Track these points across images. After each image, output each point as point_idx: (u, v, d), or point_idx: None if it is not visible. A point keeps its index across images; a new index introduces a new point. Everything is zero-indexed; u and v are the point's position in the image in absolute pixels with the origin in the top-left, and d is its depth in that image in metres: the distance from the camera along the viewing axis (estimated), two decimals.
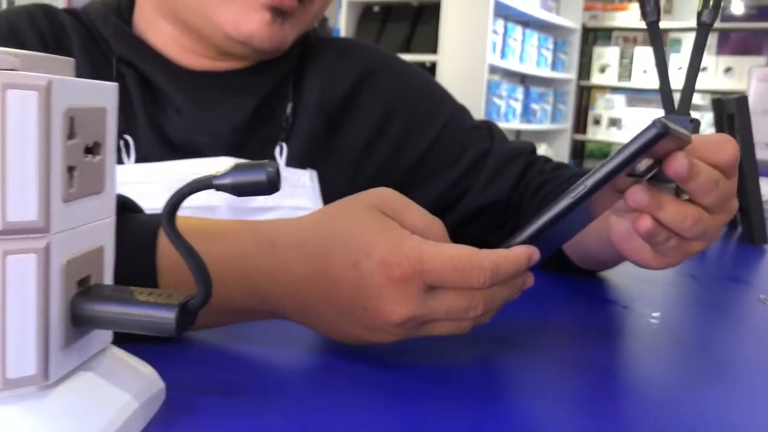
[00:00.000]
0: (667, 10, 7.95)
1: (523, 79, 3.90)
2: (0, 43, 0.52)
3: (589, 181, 0.37)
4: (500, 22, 3.26)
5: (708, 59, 4.89)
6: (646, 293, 0.64)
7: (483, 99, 3.18)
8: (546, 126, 3.98)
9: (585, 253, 0.61)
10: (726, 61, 4.66)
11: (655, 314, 0.56)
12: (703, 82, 4.62)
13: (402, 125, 0.72)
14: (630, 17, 5.51)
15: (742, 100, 0.95)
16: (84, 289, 0.30)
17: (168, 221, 0.29)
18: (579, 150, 4.91)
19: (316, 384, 0.38)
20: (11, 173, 0.26)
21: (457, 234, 0.50)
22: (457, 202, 0.71)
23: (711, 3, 0.55)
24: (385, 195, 0.40)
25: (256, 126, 0.66)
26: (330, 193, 0.65)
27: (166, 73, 0.65)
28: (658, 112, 3.42)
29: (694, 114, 0.55)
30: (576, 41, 4.18)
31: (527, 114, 3.76)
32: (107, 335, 0.33)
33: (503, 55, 3.34)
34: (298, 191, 0.64)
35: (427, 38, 3.11)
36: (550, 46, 3.85)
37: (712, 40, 8.40)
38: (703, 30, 0.55)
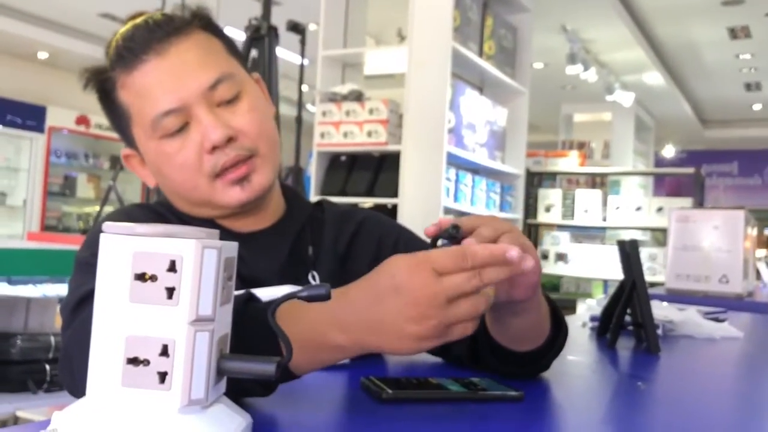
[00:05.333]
0: (606, 156, 8.67)
1: None
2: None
3: None
4: (452, 170, 3.65)
5: (644, 200, 5.36)
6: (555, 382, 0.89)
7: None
8: None
9: (506, 330, 0.79)
10: (658, 201, 5.13)
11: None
12: (639, 220, 5.07)
13: (389, 252, 1.02)
14: (570, 162, 6.05)
15: (633, 242, 1.25)
16: (223, 354, 0.55)
17: (272, 312, 0.55)
18: None
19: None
20: (204, 289, 0.51)
21: None
22: None
23: None
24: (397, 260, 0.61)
25: (292, 263, 0.95)
26: None
27: (228, 237, 0.92)
28: (601, 248, 3.80)
29: None
30: (521, 185, 4.60)
31: None
32: (224, 385, 0.57)
33: (456, 198, 3.72)
34: None
35: (388, 184, 3.47)
36: (498, 189, 4.26)
37: (649, 181, 9.09)
38: None
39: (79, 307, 0.76)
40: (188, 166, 0.89)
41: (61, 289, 2.76)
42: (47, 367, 2.06)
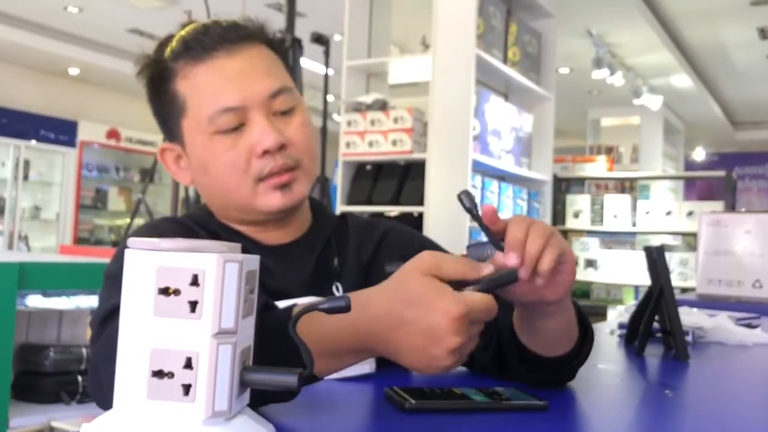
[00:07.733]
0: (634, 160, 8.57)
1: None
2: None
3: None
4: (478, 178, 3.64)
5: (674, 204, 5.28)
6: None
7: (466, 244, 3.50)
8: None
9: (535, 333, 0.81)
10: (689, 205, 5.06)
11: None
12: (670, 224, 5.00)
13: None
14: (598, 167, 6.00)
15: (659, 248, 1.23)
16: (245, 366, 0.56)
17: (293, 323, 0.55)
18: None
19: None
20: (226, 302, 0.52)
21: None
22: None
23: None
24: (425, 259, 0.65)
25: (317, 275, 0.96)
26: None
27: (255, 250, 0.93)
28: (631, 253, 3.71)
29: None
30: (548, 191, 4.57)
31: None
32: (248, 396, 0.58)
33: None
34: None
35: (414, 192, 3.47)
36: (525, 196, 4.24)
37: (679, 185, 8.97)
38: None
39: (107, 321, 0.78)
40: (236, 166, 0.91)
41: (93, 301, 2.81)
42: (79, 378, 2.09)
